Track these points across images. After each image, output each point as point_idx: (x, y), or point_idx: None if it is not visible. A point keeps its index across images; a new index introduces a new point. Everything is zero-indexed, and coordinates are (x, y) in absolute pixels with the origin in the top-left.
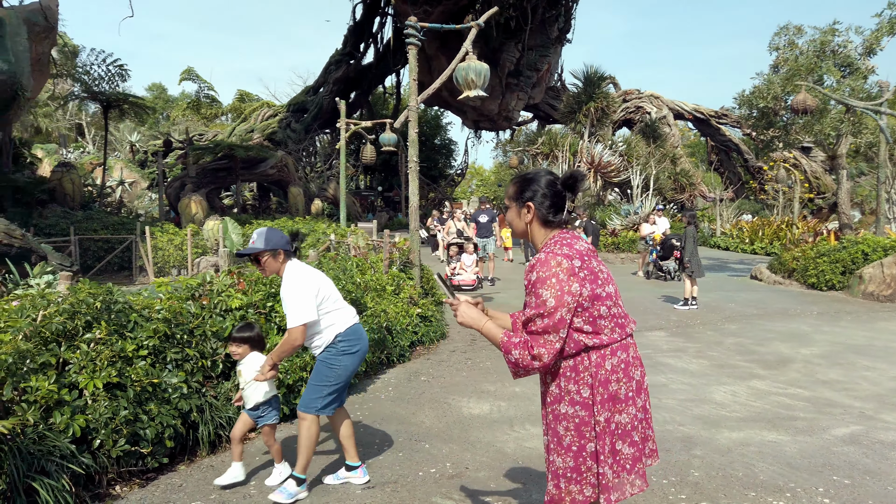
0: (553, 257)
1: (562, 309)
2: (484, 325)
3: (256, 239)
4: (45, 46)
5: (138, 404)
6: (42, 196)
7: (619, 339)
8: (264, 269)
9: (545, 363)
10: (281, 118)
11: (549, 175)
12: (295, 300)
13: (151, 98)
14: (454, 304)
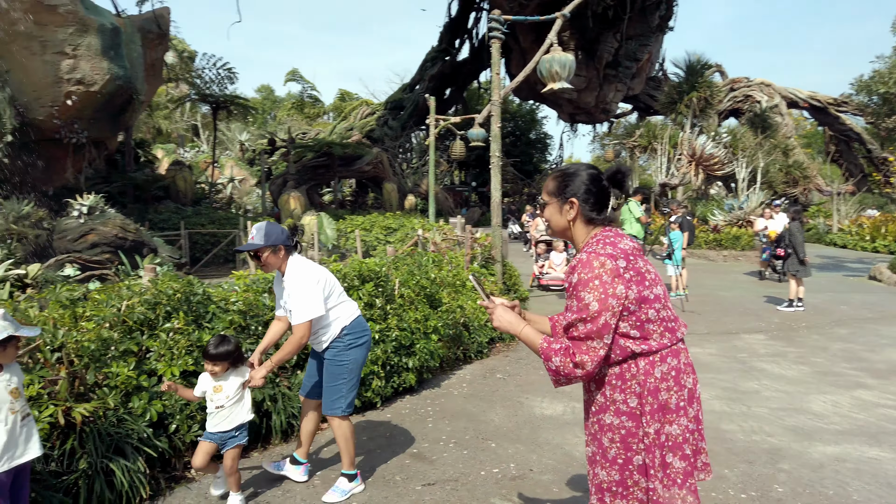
0: (596, 257)
1: (606, 313)
2: (522, 330)
3: (256, 234)
4: (158, 52)
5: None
6: (158, 193)
7: (669, 344)
8: (265, 265)
9: (588, 371)
10: (378, 116)
11: (592, 169)
12: (303, 296)
13: (260, 99)
14: (489, 307)
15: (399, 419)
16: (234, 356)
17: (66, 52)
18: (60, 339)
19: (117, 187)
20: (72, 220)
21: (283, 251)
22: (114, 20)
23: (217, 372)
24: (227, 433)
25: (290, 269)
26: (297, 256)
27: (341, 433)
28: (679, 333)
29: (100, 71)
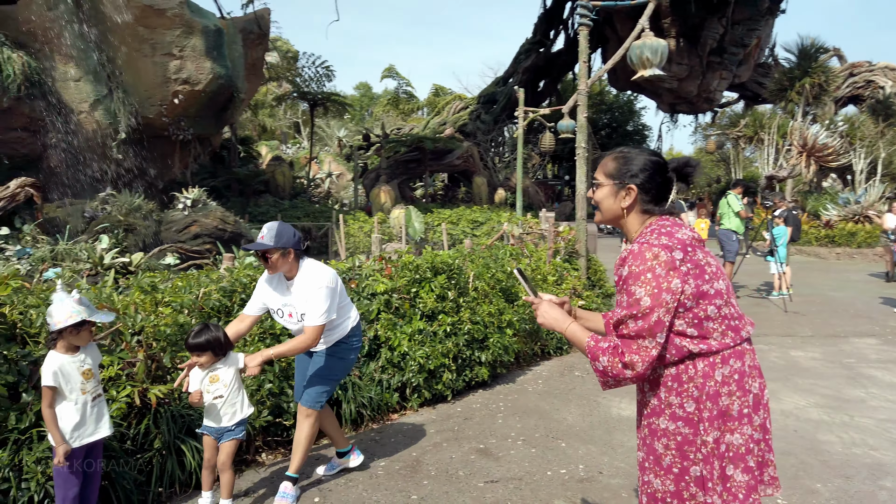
0: (648, 248)
1: (659, 310)
2: (568, 328)
3: (266, 234)
4: (258, 52)
5: (283, 379)
6: (259, 187)
7: (732, 344)
8: (272, 266)
9: (638, 373)
10: (471, 110)
11: (656, 156)
12: (320, 300)
13: (358, 96)
14: (535, 302)
15: (469, 413)
16: (216, 345)
17: (173, 53)
18: (140, 324)
19: (222, 182)
20: (177, 212)
21: (293, 255)
22: (217, 22)
23: (203, 363)
24: (221, 427)
25: (304, 274)
26: (308, 260)
27: (311, 431)
28: (744, 333)
29: (203, 71)
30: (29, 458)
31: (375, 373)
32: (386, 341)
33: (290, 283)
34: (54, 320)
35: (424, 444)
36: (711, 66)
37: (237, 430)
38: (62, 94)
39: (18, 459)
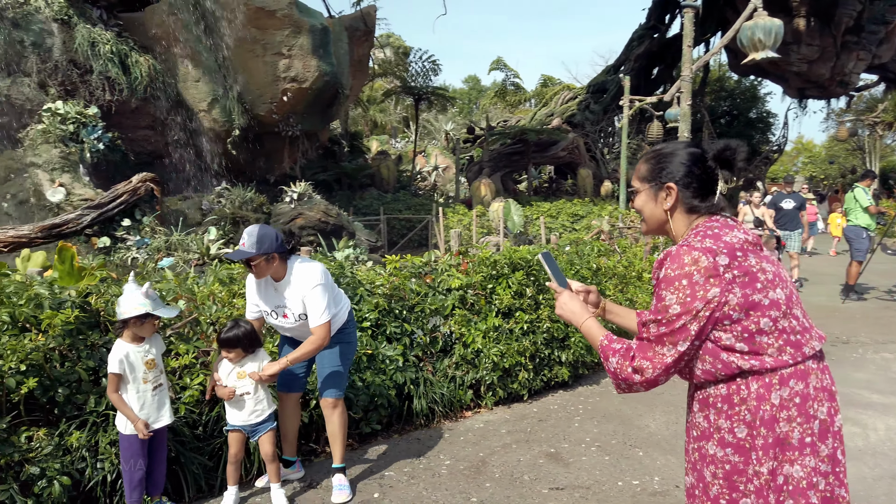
0: (689, 251)
1: (686, 317)
2: (584, 323)
3: (247, 241)
4: (364, 49)
5: (355, 371)
6: (364, 181)
7: (792, 362)
8: (255, 271)
9: (648, 379)
10: (580, 100)
11: (693, 148)
12: (319, 300)
13: (466, 89)
14: (557, 291)
15: (545, 415)
16: (246, 341)
17: (282, 52)
18: (216, 314)
19: (332, 175)
20: (284, 205)
21: (277, 258)
22: (323, 20)
23: (232, 358)
24: (255, 423)
25: (294, 275)
26: (298, 261)
27: (343, 419)
28: (807, 349)
29: (310, 68)
30: (104, 439)
31: (449, 369)
32: (460, 338)
33: (280, 284)
34: (122, 310)
35: (493, 445)
36: (847, 46)
37: (269, 422)
38: (183, 95)
39: (95, 441)
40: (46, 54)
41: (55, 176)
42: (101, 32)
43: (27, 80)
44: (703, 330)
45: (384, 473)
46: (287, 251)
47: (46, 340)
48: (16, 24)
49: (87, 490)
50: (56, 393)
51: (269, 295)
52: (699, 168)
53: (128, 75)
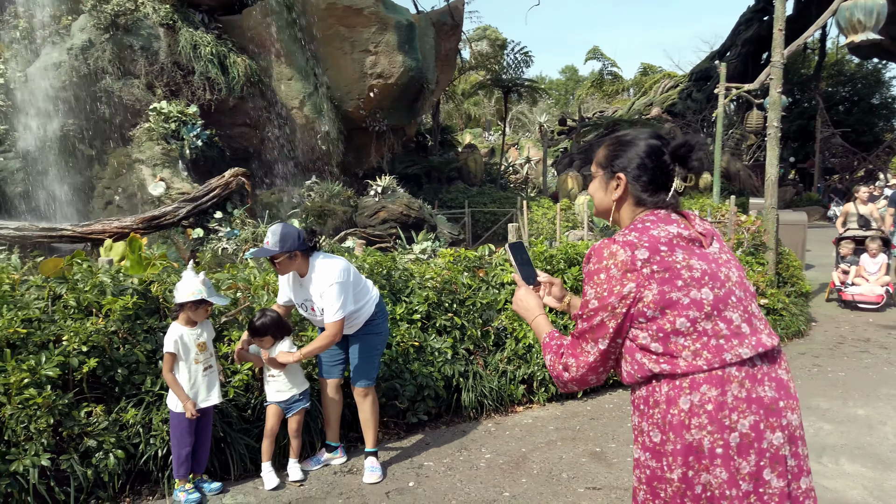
0: (608, 245)
1: (603, 313)
2: (535, 319)
3: (271, 239)
4: (451, 43)
5: (404, 363)
6: (452, 174)
7: (707, 367)
8: (279, 268)
9: (575, 377)
10: (682, 89)
11: (653, 139)
12: (336, 296)
13: (563, 80)
14: (518, 285)
15: (598, 413)
16: (275, 329)
17: (369, 49)
18: (269, 303)
19: (420, 169)
20: (369, 198)
21: (300, 256)
22: (409, 16)
23: (262, 345)
24: (290, 399)
25: (315, 272)
26: (320, 257)
27: (374, 407)
28: (729, 355)
29: (396, 64)
30: (157, 417)
31: (500, 363)
32: (512, 332)
33: (304, 280)
34: (178, 295)
35: (537, 441)
36: None
37: (303, 400)
38: (276, 93)
39: (149, 418)
40: (153, 57)
41: (157, 171)
42: (202, 35)
43: (136, 82)
44: (622, 327)
45: (423, 463)
46: (309, 248)
47: (107, 324)
48: (127, 30)
49: (140, 463)
50: (116, 373)
51: (297, 289)
52: (653, 161)
53: (226, 75)
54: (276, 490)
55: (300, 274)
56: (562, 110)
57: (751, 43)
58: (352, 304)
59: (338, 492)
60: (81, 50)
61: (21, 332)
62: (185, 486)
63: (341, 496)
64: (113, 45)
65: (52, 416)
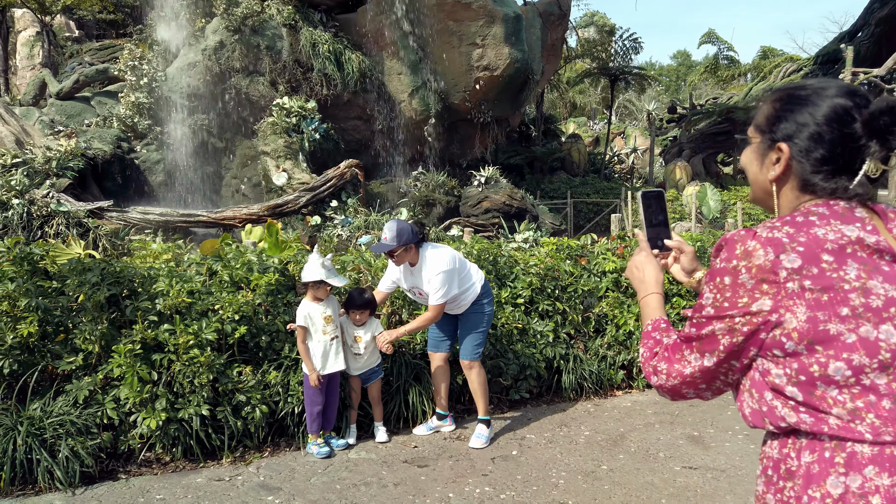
0: (745, 240)
1: (717, 325)
2: (647, 296)
3: (388, 235)
4: (557, 33)
5: (507, 343)
6: (555, 164)
7: (872, 438)
8: (395, 260)
9: (663, 386)
10: (806, 73)
11: (841, 98)
12: (441, 283)
13: (675, 66)
14: (640, 244)
15: (697, 400)
16: (373, 306)
17: (476, 42)
18: None
19: (523, 159)
20: (473, 188)
21: (414, 248)
22: (516, 8)
23: (361, 320)
24: (367, 371)
25: (427, 261)
26: (429, 248)
27: (481, 378)
28: None
29: (502, 56)
30: (294, 379)
31: (600, 348)
32: (612, 319)
33: (414, 268)
34: (304, 275)
35: (635, 422)
36: None
37: (378, 369)
38: (387, 87)
39: (287, 380)
40: (277, 55)
41: (280, 162)
42: (320, 34)
43: (261, 79)
44: (742, 350)
45: (525, 436)
46: (420, 240)
47: (254, 297)
48: (254, 31)
49: (279, 419)
50: (260, 339)
51: (407, 277)
52: (835, 131)
53: (341, 71)
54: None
55: (411, 263)
56: (672, 97)
57: (886, 22)
58: (455, 288)
59: (448, 455)
60: (214, 50)
61: (186, 302)
62: (316, 441)
63: (451, 458)
64: (241, 46)
65: (211, 373)
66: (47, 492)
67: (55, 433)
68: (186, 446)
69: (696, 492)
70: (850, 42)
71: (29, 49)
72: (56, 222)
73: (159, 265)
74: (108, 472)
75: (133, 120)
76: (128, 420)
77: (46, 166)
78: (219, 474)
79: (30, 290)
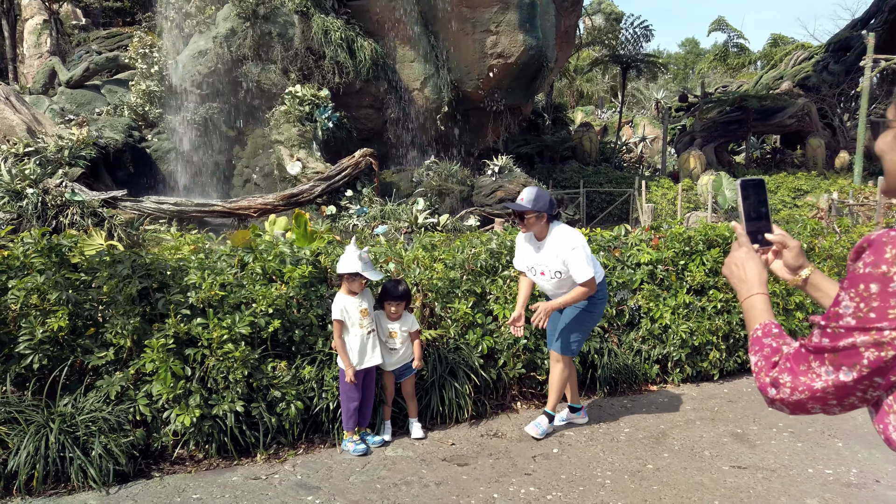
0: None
1: (860, 337)
2: (751, 297)
3: (525, 197)
4: (571, 20)
5: (540, 336)
6: (566, 153)
7: None
8: (526, 226)
9: (785, 399)
10: (817, 60)
11: None
12: (580, 258)
13: (683, 54)
14: (739, 238)
15: (735, 396)
16: (409, 298)
17: (490, 29)
18: (419, 276)
19: (533, 148)
20: (486, 178)
21: (546, 218)
22: None
23: (397, 312)
24: (402, 367)
25: (559, 236)
26: (558, 225)
27: (563, 375)
28: None
29: (516, 44)
30: (329, 374)
31: (634, 342)
32: (647, 312)
33: (540, 243)
34: (340, 266)
35: (675, 419)
36: None
37: (412, 369)
38: (399, 75)
39: (321, 375)
40: (289, 43)
41: (293, 151)
42: (332, 21)
43: (273, 67)
44: (890, 367)
45: (563, 432)
46: (553, 216)
47: (287, 290)
48: (266, 18)
49: (313, 415)
50: (293, 333)
51: (530, 252)
52: None
53: (353, 59)
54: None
55: (538, 237)
56: (680, 86)
57: None
58: (594, 267)
59: (487, 452)
60: (225, 38)
61: (219, 295)
62: (353, 438)
63: (491, 456)
64: (253, 33)
65: (245, 369)
66: (81, 490)
67: (87, 430)
68: (220, 443)
69: (748, 493)
70: (861, 29)
71: (36, 37)
72: (71, 212)
73: (188, 257)
74: (140, 471)
75: (144, 108)
76: (160, 417)
77: (59, 155)
78: (254, 472)
79: (59, 282)
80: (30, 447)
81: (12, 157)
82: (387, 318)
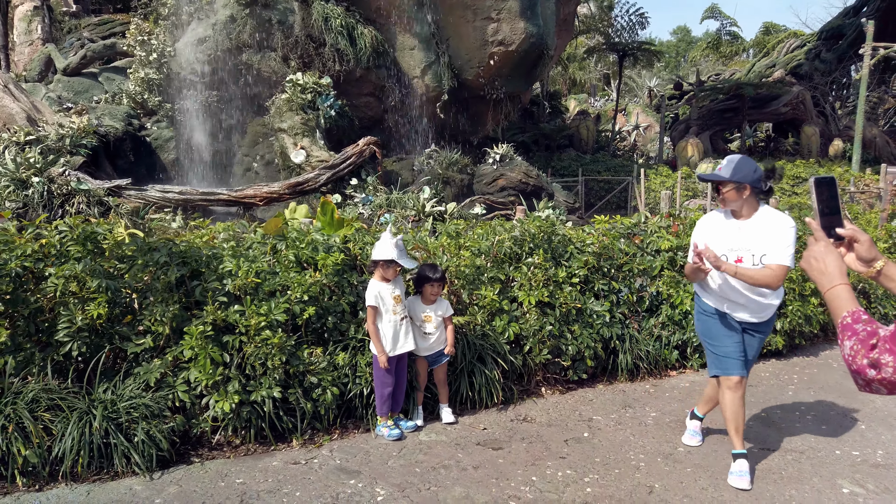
0: None
1: None
2: (833, 288)
3: (724, 166)
4: (570, 7)
5: (564, 323)
6: (563, 142)
7: None
8: (724, 199)
9: (888, 379)
10: (809, 48)
11: None
12: (791, 239)
13: (674, 42)
14: (815, 234)
15: (755, 381)
16: (445, 281)
17: (491, 16)
18: (445, 264)
19: (530, 137)
20: (487, 166)
21: (749, 191)
22: None
23: (436, 294)
24: (435, 354)
25: (767, 216)
26: (766, 207)
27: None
28: None
29: (517, 31)
30: (362, 360)
31: (655, 328)
32: (667, 298)
33: (744, 223)
34: (375, 253)
35: (689, 403)
36: None
37: (445, 356)
38: (400, 63)
39: (355, 362)
40: (289, 30)
41: (297, 140)
42: (332, 7)
43: (273, 55)
44: None
45: (591, 417)
46: (762, 191)
47: (321, 277)
48: (265, 5)
49: (347, 401)
50: (326, 320)
51: (727, 234)
52: None
53: (354, 46)
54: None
55: (741, 215)
56: (673, 74)
57: None
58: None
59: (519, 437)
60: (224, 25)
61: (255, 282)
62: (387, 423)
63: (523, 441)
64: (252, 20)
65: (283, 355)
66: (125, 476)
67: (129, 416)
68: (258, 429)
69: (780, 474)
70: (853, 17)
71: (27, 24)
72: (77, 201)
73: (221, 245)
74: (180, 456)
75: (143, 96)
76: (199, 403)
77: (60, 144)
78: (293, 457)
79: (97, 270)
80: (74, 433)
81: (14, 146)
82: (422, 303)
